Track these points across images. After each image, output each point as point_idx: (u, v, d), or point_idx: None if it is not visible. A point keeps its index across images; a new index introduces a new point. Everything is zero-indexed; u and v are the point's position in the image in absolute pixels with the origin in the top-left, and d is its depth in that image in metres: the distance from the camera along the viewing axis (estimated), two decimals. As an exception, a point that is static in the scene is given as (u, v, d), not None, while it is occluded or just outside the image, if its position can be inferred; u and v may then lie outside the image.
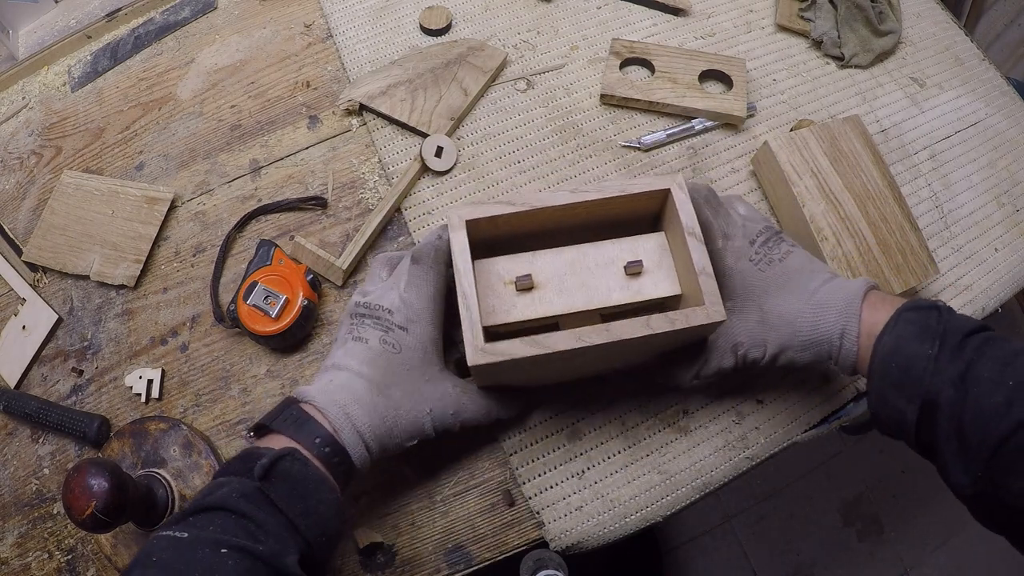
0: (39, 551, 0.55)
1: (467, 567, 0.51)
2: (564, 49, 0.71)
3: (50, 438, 0.58)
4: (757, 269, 0.45)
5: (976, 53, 0.76)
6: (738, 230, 0.47)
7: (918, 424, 0.39)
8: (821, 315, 0.43)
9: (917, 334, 0.39)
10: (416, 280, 0.46)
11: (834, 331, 0.43)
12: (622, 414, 0.55)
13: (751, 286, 0.46)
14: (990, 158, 0.69)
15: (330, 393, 0.43)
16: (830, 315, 0.43)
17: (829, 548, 1.31)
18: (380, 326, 0.45)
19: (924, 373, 0.38)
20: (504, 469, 0.53)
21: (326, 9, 0.74)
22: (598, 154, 0.65)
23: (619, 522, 0.52)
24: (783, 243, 0.47)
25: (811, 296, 0.44)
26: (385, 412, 0.44)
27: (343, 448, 0.42)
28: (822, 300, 0.44)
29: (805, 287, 0.45)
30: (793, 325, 0.44)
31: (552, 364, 0.45)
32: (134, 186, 0.65)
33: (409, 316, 0.46)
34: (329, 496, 0.40)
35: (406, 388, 0.45)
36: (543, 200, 0.44)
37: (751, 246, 0.46)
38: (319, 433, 0.41)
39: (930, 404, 0.38)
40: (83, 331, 0.61)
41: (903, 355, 0.39)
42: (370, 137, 0.66)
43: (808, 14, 0.73)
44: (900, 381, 0.39)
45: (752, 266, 0.46)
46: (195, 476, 0.53)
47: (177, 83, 0.71)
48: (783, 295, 0.45)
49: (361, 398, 0.43)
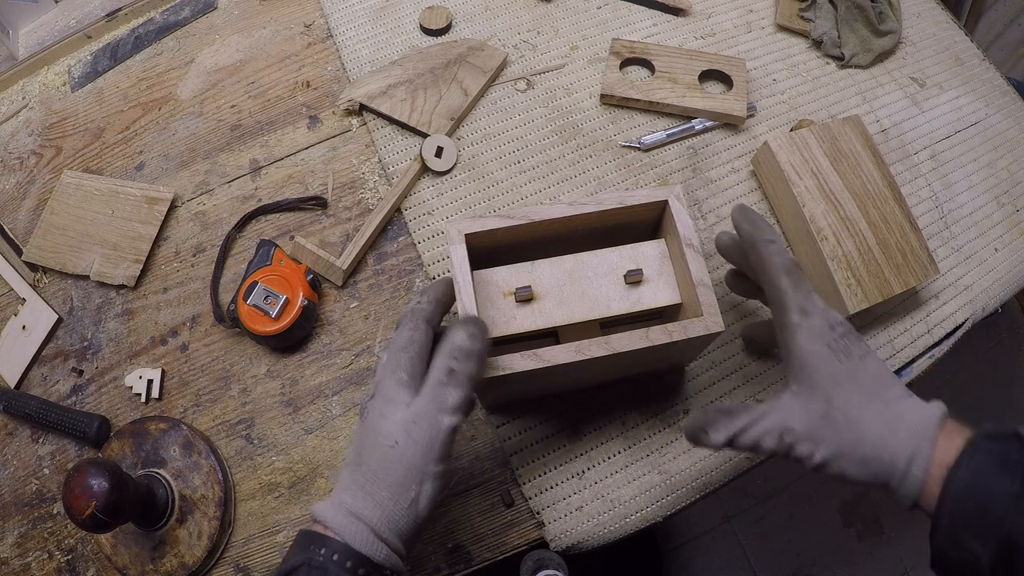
0: (39, 551, 0.55)
1: (467, 567, 0.51)
2: (564, 49, 0.71)
3: (50, 438, 0.58)
4: (835, 359, 0.41)
5: (976, 53, 0.76)
6: (818, 311, 0.42)
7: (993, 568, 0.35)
8: (893, 430, 0.38)
9: (996, 468, 0.35)
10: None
11: (903, 452, 0.37)
12: (622, 414, 0.55)
13: (823, 374, 0.40)
14: (990, 158, 0.69)
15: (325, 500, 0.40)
16: (902, 433, 0.38)
17: (829, 548, 1.31)
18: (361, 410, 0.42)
19: (1005, 513, 0.34)
20: (504, 469, 0.53)
21: (326, 9, 0.74)
22: (598, 154, 0.65)
23: (619, 522, 0.52)
24: (862, 342, 0.42)
25: (886, 406, 0.39)
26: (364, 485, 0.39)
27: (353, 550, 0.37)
28: (898, 414, 0.39)
29: (881, 394, 0.40)
30: (859, 431, 0.39)
31: (552, 376, 0.45)
32: (134, 186, 0.65)
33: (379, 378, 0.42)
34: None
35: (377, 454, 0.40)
36: (541, 213, 0.44)
37: (831, 331, 0.41)
38: (316, 541, 0.37)
39: (1010, 546, 0.34)
40: (83, 331, 0.61)
41: (981, 492, 0.35)
42: (370, 137, 0.66)
43: (808, 14, 0.73)
44: (976, 521, 0.35)
45: (830, 353, 0.41)
46: (195, 476, 0.53)
47: (177, 83, 0.71)
48: (856, 395, 0.40)
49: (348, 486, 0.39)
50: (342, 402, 0.56)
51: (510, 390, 0.49)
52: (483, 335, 0.40)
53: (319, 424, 0.56)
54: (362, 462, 0.39)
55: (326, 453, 0.55)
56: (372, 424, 0.39)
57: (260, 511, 0.54)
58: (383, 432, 0.39)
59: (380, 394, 0.40)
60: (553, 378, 0.47)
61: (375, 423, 0.39)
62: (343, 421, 0.56)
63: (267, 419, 0.56)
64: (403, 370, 0.40)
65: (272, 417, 0.56)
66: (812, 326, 0.41)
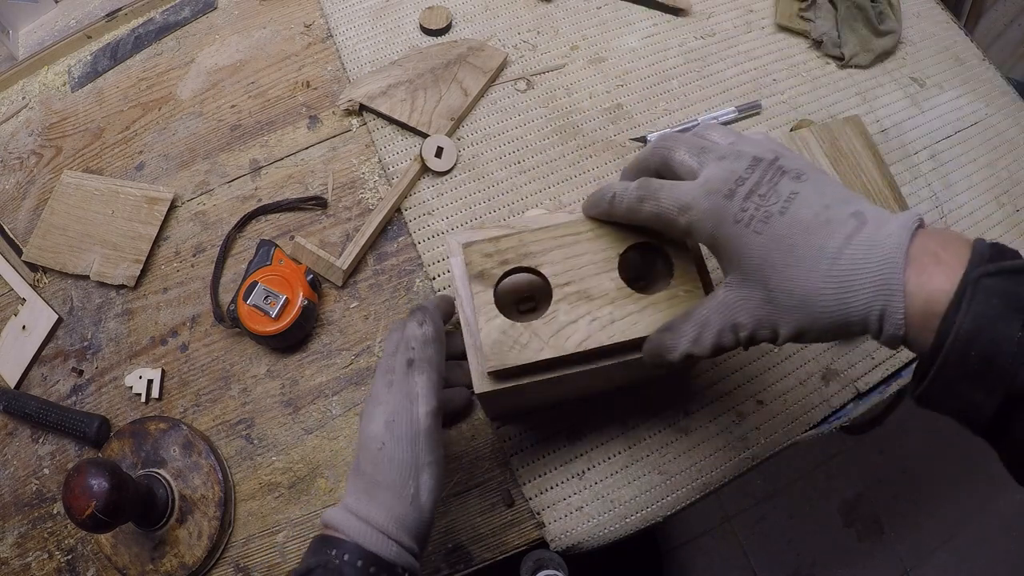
0: (39, 551, 0.54)
1: (467, 567, 0.51)
2: (564, 49, 0.71)
3: (50, 438, 0.58)
4: (751, 232, 0.34)
5: (976, 53, 0.76)
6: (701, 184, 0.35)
7: (995, 415, 0.31)
8: (848, 292, 0.32)
9: (1002, 311, 0.29)
10: None
11: (870, 313, 0.32)
12: (622, 414, 0.55)
13: (746, 256, 0.34)
14: (990, 158, 0.69)
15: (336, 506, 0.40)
16: (860, 292, 0.32)
17: (829, 548, 1.31)
18: None
19: (1011, 363, 0.29)
20: (504, 469, 0.53)
21: (326, 9, 0.74)
22: (598, 154, 0.65)
23: (619, 522, 0.52)
24: (783, 178, 0.34)
25: (832, 265, 0.32)
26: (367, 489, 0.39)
27: (366, 551, 0.37)
28: (846, 271, 0.32)
29: (821, 251, 0.32)
30: (810, 306, 0.33)
31: (557, 387, 0.44)
32: (134, 186, 0.65)
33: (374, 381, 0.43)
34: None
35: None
36: (541, 223, 0.44)
37: (730, 200, 0.34)
38: (329, 544, 0.37)
39: (1016, 397, 0.30)
40: (83, 331, 0.61)
41: (985, 339, 0.30)
42: (370, 137, 0.66)
43: (808, 14, 0.73)
44: (979, 372, 0.30)
45: (741, 229, 0.34)
46: (195, 476, 0.53)
47: (177, 83, 0.71)
48: (792, 266, 0.33)
49: (352, 491, 0.40)
50: (342, 402, 0.56)
51: (515, 403, 0.49)
52: (433, 317, 0.42)
53: (319, 424, 0.56)
54: (360, 468, 0.40)
55: (326, 453, 0.55)
56: (363, 429, 0.41)
57: (260, 511, 0.54)
58: (370, 435, 0.40)
59: (371, 397, 0.41)
60: (559, 389, 0.47)
61: (365, 428, 0.40)
62: (343, 421, 0.56)
63: (267, 419, 0.56)
64: (392, 372, 0.41)
65: (272, 417, 0.56)
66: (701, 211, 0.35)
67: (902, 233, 0.32)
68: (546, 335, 0.41)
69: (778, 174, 0.34)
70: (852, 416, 0.56)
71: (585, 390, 0.52)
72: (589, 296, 0.42)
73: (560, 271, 0.42)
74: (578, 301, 0.41)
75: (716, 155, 0.36)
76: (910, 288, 0.31)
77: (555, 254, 0.42)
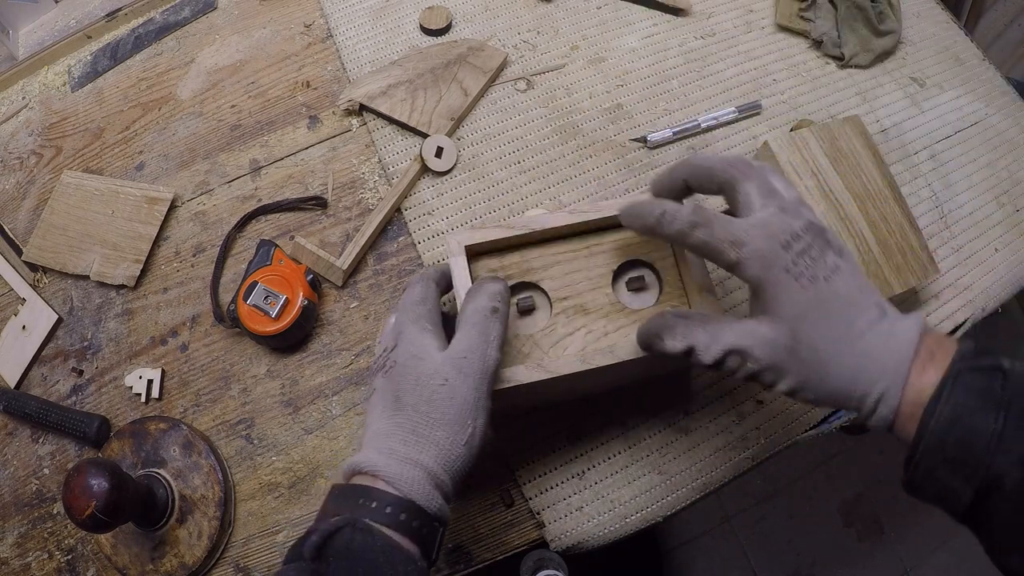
0: (39, 551, 0.55)
1: (467, 567, 0.51)
2: (564, 49, 0.71)
3: (50, 438, 0.58)
4: (798, 285, 0.36)
5: (976, 53, 0.76)
6: (761, 229, 0.36)
7: (973, 503, 0.33)
8: (862, 369, 0.35)
9: (979, 404, 0.33)
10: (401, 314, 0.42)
11: (872, 392, 0.35)
12: (622, 414, 0.55)
13: (786, 304, 0.36)
14: (990, 158, 0.69)
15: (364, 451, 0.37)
16: (873, 371, 0.35)
17: (829, 548, 1.31)
18: (380, 366, 0.41)
19: (986, 453, 0.32)
20: (504, 469, 0.53)
21: (326, 9, 0.74)
22: (598, 154, 0.65)
23: (619, 522, 0.52)
24: (829, 252, 0.36)
25: (856, 339, 0.35)
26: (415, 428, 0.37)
27: (406, 499, 0.35)
28: (867, 349, 0.35)
29: (850, 324, 0.35)
30: (826, 369, 0.35)
31: (557, 387, 0.45)
32: (134, 186, 0.65)
33: (398, 330, 0.41)
34: (406, 568, 0.33)
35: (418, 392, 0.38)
36: (542, 222, 0.44)
37: (786, 251, 0.36)
38: (363, 494, 0.35)
39: (990, 486, 0.32)
40: (83, 331, 0.61)
41: (962, 429, 0.32)
42: (370, 137, 0.66)
43: (808, 14, 0.73)
44: (956, 459, 0.33)
45: (790, 280, 0.36)
46: (195, 476, 0.53)
47: (177, 83, 0.71)
48: (822, 326, 0.35)
49: (392, 432, 0.37)
50: (342, 402, 0.56)
51: (513, 403, 0.49)
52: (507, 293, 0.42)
53: (319, 424, 0.56)
54: (404, 406, 0.37)
55: (326, 453, 0.55)
56: (407, 369, 0.38)
57: (260, 511, 0.54)
58: (426, 373, 0.38)
59: (405, 343, 0.39)
60: (557, 390, 0.47)
61: (411, 367, 0.38)
62: (343, 421, 0.56)
63: (267, 419, 0.56)
64: (426, 320, 0.40)
65: (272, 417, 0.56)
66: (757, 251, 0.36)
67: (914, 329, 0.35)
68: (546, 346, 0.44)
69: (826, 245, 0.37)
70: (852, 416, 0.56)
71: (585, 390, 0.52)
72: (585, 310, 0.45)
73: (559, 286, 0.45)
74: (575, 315, 0.45)
75: (779, 204, 0.37)
76: (910, 380, 0.34)
77: (554, 270, 0.46)
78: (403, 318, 0.41)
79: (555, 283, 0.45)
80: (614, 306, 0.45)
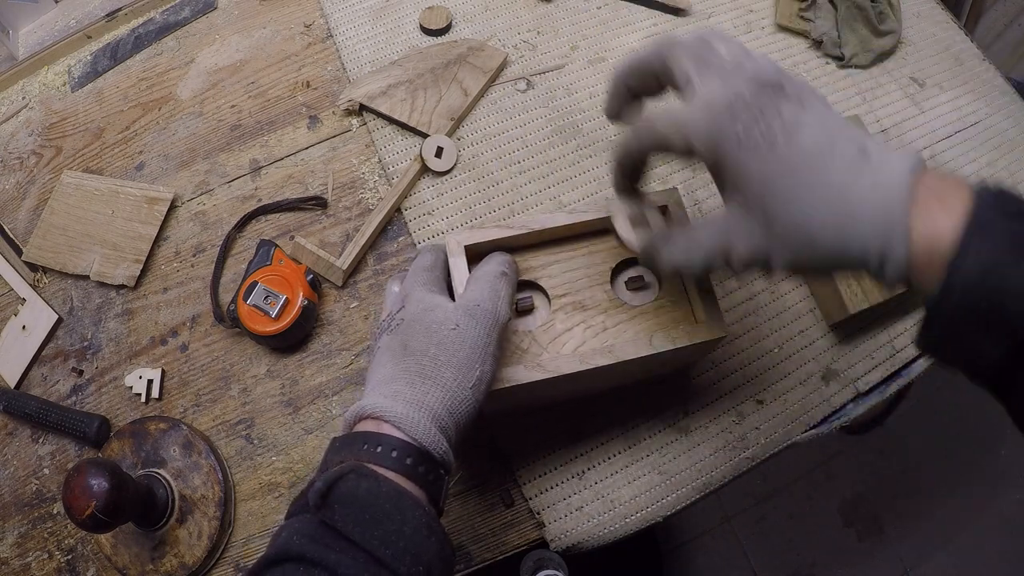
0: (39, 551, 0.55)
1: (467, 567, 0.51)
2: (564, 49, 0.71)
3: (50, 438, 0.58)
4: (754, 157, 0.32)
5: (976, 53, 0.76)
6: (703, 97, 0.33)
7: (1001, 364, 0.30)
8: (847, 228, 0.31)
9: (1011, 253, 0.28)
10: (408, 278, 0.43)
11: (870, 251, 0.30)
12: (622, 414, 0.55)
13: (745, 182, 0.32)
14: (990, 158, 0.69)
15: (368, 396, 0.37)
16: (862, 228, 0.30)
17: (829, 548, 1.31)
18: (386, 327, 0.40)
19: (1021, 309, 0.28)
20: (504, 469, 0.53)
21: (326, 9, 0.74)
22: (598, 154, 0.65)
23: (619, 522, 0.52)
24: (786, 103, 0.32)
25: (837, 196, 0.31)
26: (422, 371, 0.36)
27: (413, 444, 0.34)
28: (848, 204, 0.31)
29: (824, 182, 0.31)
30: (810, 238, 0.31)
31: (556, 386, 0.45)
32: (134, 186, 0.65)
33: (404, 293, 0.41)
34: (414, 513, 0.32)
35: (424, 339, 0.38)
36: (541, 223, 0.45)
37: (733, 122, 0.32)
38: (367, 440, 0.34)
39: (1021, 345, 0.29)
40: (83, 331, 0.61)
41: (994, 283, 0.28)
42: (370, 137, 0.66)
43: (808, 14, 0.73)
44: (988, 317, 0.29)
45: (743, 154, 0.32)
46: (195, 476, 0.53)
47: (177, 83, 0.71)
48: (791, 193, 0.31)
49: (397, 376, 0.36)
50: (342, 402, 0.56)
51: (512, 403, 0.49)
52: None
53: (319, 424, 0.56)
54: (412, 352, 0.37)
55: (326, 453, 0.55)
56: (416, 320, 0.38)
57: (260, 511, 0.54)
58: (437, 320, 0.38)
59: (414, 301, 0.40)
60: (556, 389, 0.47)
61: (420, 318, 0.38)
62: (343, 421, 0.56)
63: (267, 419, 0.56)
64: (434, 284, 0.41)
65: (272, 417, 0.56)
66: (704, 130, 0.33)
67: (906, 172, 0.30)
68: (545, 341, 0.44)
69: (781, 99, 0.32)
70: (852, 416, 0.56)
71: (585, 390, 0.52)
72: (584, 306, 0.45)
73: (557, 284, 0.46)
74: (573, 311, 0.45)
75: (718, 72, 0.33)
76: (915, 226, 0.30)
77: (553, 269, 0.46)
78: (411, 282, 0.42)
79: (554, 281, 0.46)
80: (613, 302, 0.45)
